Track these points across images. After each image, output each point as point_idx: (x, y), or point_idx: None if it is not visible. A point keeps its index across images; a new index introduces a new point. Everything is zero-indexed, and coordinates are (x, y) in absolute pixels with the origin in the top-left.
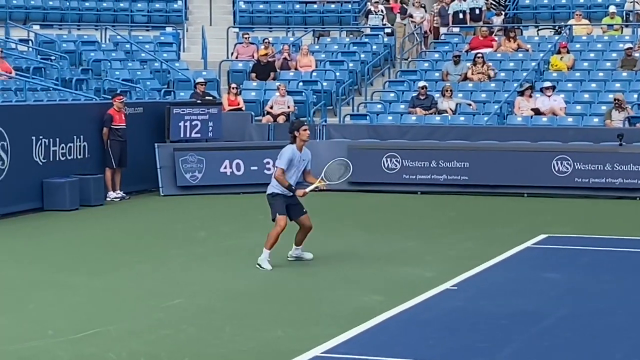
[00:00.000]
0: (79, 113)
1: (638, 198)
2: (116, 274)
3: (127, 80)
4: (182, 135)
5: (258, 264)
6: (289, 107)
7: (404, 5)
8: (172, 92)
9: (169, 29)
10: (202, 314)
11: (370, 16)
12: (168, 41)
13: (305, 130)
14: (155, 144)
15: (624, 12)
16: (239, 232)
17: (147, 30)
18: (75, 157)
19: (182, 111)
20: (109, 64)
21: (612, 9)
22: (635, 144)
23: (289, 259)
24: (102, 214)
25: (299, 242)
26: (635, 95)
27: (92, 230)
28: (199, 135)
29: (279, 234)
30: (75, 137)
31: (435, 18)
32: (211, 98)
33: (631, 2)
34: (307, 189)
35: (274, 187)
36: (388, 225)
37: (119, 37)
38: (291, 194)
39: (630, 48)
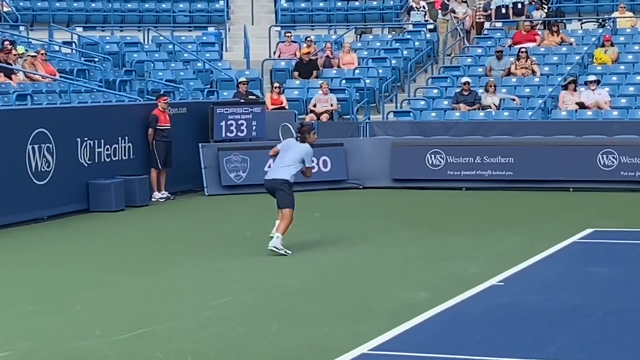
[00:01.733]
0: (123, 114)
1: None
2: (162, 273)
3: (170, 80)
4: (225, 135)
5: (274, 248)
6: (332, 105)
7: (445, 1)
8: (215, 92)
9: (211, 29)
10: (250, 313)
11: (412, 12)
12: (210, 41)
13: (315, 134)
14: (200, 144)
15: None
16: None
17: (190, 30)
18: (120, 158)
19: (225, 111)
20: (152, 64)
21: None
22: None
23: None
24: (147, 214)
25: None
26: None
27: (137, 231)
28: (242, 134)
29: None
30: (120, 138)
31: (478, 13)
32: (254, 97)
33: None
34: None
35: (292, 177)
36: (433, 222)
37: (161, 37)
38: None
39: None
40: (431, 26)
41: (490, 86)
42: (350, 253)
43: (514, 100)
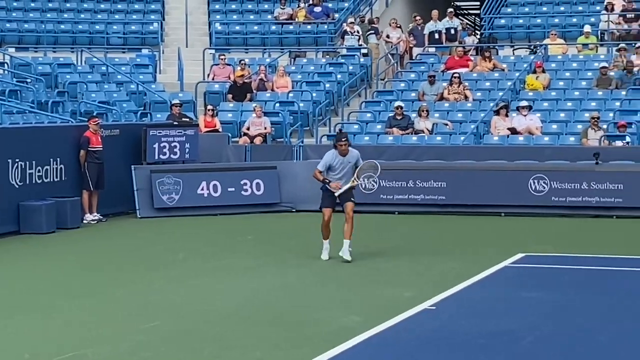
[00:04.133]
0: (55, 136)
1: (615, 216)
2: (94, 296)
3: (103, 102)
4: (158, 157)
5: (341, 255)
6: (265, 129)
7: (374, 25)
8: (149, 114)
9: (145, 51)
10: (182, 336)
11: (346, 37)
12: (144, 63)
13: (340, 145)
14: (132, 166)
15: (599, 32)
16: (217, 253)
17: (123, 52)
18: (51, 179)
19: (158, 133)
20: (85, 86)
21: (587, 28)
22: (612, 163)
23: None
24: (79, 236)
25: (345, 233)
26: (611, 114)
27: (69, 253)
28: (175, 156)
29: (324, 225)
30: (51, 159)
31: (408, 38)
32: (188, 119)
33: (606, 21)
34: (342, 187)
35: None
36: (366, 246)
37: (94, 59)
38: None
39: (605, 67)
40: (365, 50)
41: (423, 111)
42: (284, 277)
43: (446, 125)
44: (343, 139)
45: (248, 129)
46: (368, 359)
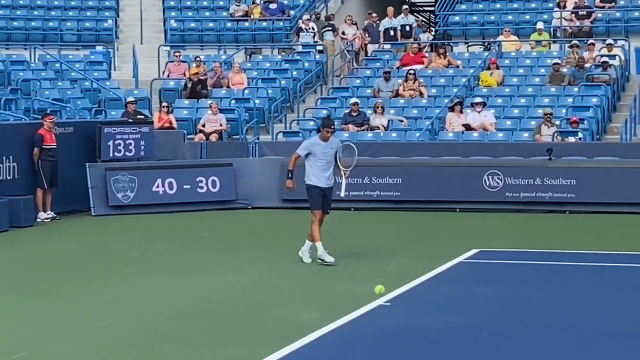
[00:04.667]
0: (8, 133)
1: (567, 212)
2: (47, 295)
3: (57, 99)
4: (113, 155)
5: (320, 259)
6: (221, 125)
7: (330, 21)
8: (103, 112)
9: (99, 48)
10: (138, 335)
11: (301, 34)
12: (98, 60)
13: (328, 131)
14: (87, 164)
15: (552, 29)
16: (172, 251)
17: (77, 49)
18: (4, 177)
19: (113, 130)
20: (38, 83)
21: (539, 25)
22: (565, 159)
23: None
24: (32, 235)
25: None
26: (564, 110)
27: (22, 252)
28: (130, 154)
29: (316, 226)
30: (4, 157)
31: (363, 35)
32: (143, 117)
33: (558, 18)
34: (342, 190)
35: (308, 179)
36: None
37: (48, 56)
38: (326, 186)
39: (558, 63)
40: (320, 47)
41: (379, 107)
42: (240, 275)
43: (402, 121)
44: (332, 126)
45: (204, 125)
46: (325, 355)
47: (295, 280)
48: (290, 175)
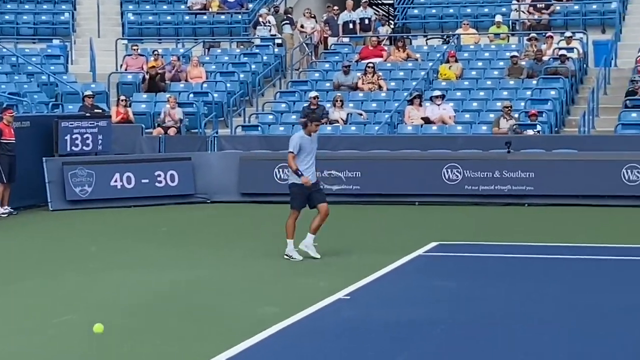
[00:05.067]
0: None
1: (526, 204)
2: (5, 291)
3: (13, 93)
4: (70, 149)
5: (287, 255)
6: (180, 120)
7: (289, 15)
8: (61, 106)
9: (56, 41)
10: (92, 331)
11: (259, 27)
12: (55, 53)
13: (317, 125)
14: (44, 158)
15: (510, 21)
16: (130, 246)
17: (34, 42)
18: None
19: (70, 124)
20: None
21: (498, 18)
22: (523, 152)
23: (300, 247)
24: None
25: (314, 229)
26: (522, 103)
27: None
28: (88, 148)
29: (292, 224)
30: None
31: (324, 28)
32: (100, 111)
33: (517, 11)
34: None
35: (292, 178)
36: (281, 236)
37: (4, 49)
38: (314, 181)
39: (516, 56)
40: (279, 41)
41: (338, 101)
42: (199, 269)
43: (361, 115)
44: (321, 119)
45: (162, 119)
46: (284, 349)
47: (254, 275)
48: (300, 173)
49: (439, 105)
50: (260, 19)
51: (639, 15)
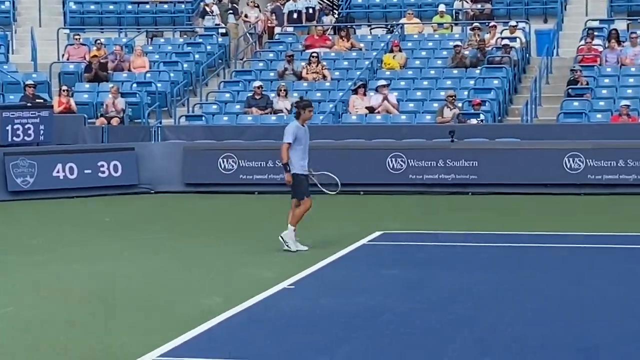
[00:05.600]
0: None
1: (470, 193)
2: None
3: None
4: (12, 139)
5: (287, 247)
6: (123, 110)
7: (234, 4)
8: (1, 96)
9: None
10: (37, 323)
11: (207, 17)
12: None
13: (310, 111)
14: None
15: (454, 11)
16: (73, 237)
17: None
18: None
19: (11, 115)
20: None
21: (441, 7)
22: (466, 141)
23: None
24: None
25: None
26: (466, 93)
27: None
28: (30, 138)
29: (304, 212)
30: None
31: (270, 18)
32: (42, 101)
33: (460, 0)
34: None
35: (295, 169)
36: (226, 227)
37: None
38: (307, 173)
39: (459, 46)
40: (223, 30)
41: (282, 90)
42: (143, 260)
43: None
44: (312, 105)
45: (105, 109)
46: (228, 338)
47: (199, 265)
48: (287, 169)
49: (384, 94)
50: (206, 8)
51: (581, 5)
